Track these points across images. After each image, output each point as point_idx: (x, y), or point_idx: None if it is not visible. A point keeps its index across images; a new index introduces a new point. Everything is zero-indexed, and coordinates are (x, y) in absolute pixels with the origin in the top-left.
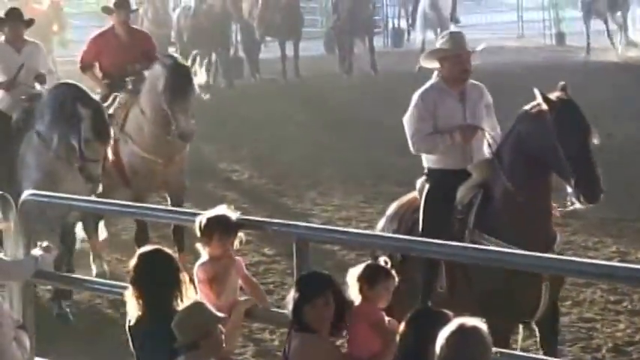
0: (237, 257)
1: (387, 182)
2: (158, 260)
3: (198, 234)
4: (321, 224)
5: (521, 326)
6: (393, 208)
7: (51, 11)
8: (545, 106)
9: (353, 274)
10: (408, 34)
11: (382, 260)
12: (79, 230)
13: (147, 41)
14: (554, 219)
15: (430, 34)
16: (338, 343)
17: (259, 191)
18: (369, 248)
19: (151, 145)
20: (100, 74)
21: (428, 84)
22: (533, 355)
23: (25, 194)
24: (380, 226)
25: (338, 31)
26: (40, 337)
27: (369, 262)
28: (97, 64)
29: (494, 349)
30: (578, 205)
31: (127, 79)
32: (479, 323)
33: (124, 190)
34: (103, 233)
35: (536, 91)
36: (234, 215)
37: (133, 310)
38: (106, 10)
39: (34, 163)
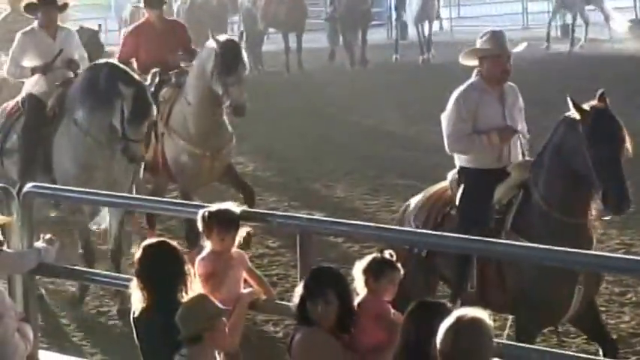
0: (240, 251)
1: (390, 175)
2: (163, 252)
3: (200, 228)
4: (325, 216)
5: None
6: (420, 199)
7: None
8: (577, 116)
9: (358, 268)
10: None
11: (387, 253)
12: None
13: (182, 30)
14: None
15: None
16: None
17: (263, 184)
18: (372, 240)
19: (197, 138)
20: (137, 71)
21: (468, 83)
22: (534, 347)
23: (27, 187)
24: (408, 216)
25: (333, 23)
26: (45, 329)
27: (374, 255)
28: (134, 60)
29: (496, 340)
30: (606, 216)
31: (170, 72)
32: (479, 314)
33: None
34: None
35: (569, 100)
36: (238, 210)
37: (137, 302)
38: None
39: (69, 152)
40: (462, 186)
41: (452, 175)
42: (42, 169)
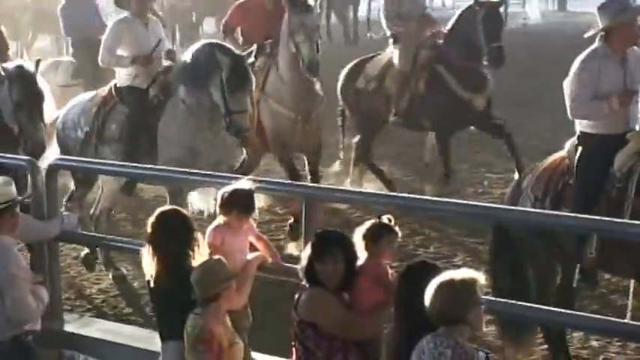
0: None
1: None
2: (173, 220)
3: (219, 206)
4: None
5: None
6: (536, 170)
7: None
8: None
9: (359, 233)
10: None
11: (385, 218)
12: None
13: None
14: None
15: None
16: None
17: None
18: (372, 206)
19: (290, 103)
20: (240, 39)
21: (591, 48)
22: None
23: (52, 160)
24: (526, 187)
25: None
26: (69, 293)
27: (373, 220)
28: (239, 30)
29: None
30: None
31: (265, 42)
32: (468, 275)
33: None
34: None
35: None
36: (253, 186)
37: (149, 267)
38: None
39: (174, 136)
40: (579, 152)
41: (570, 143)
42: (146, 157)
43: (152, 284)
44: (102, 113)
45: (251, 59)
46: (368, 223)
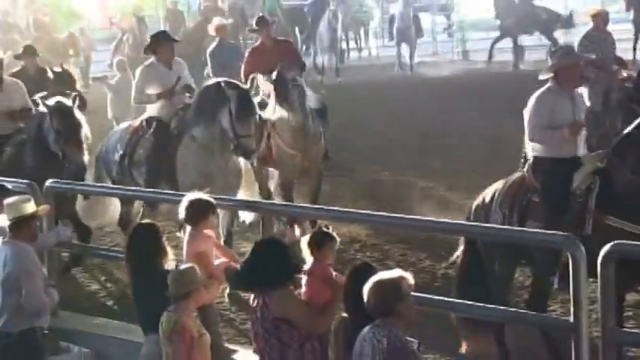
0: (210, 232)
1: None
2: (146, 231)
3: (184, 219)
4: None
5: None
6: (501, 188)
7: (68, 39)
8: None
9: (304, 241)
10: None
11: (324, 226)
12: None
13: (289, 48)
14: None
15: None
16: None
17: None
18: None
19: (291, 141)
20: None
21: (546, 87)
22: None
23: (48, 182)
24: (494, 204)
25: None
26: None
27: (314, 229)
28: (256, 75)
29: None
30: None
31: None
32: (395, 275)
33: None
34: None
35: None
36: (210, 199)
37: (129, 272)
38: (252, 31)
39: (190, 164)
40: (541, 174)
41: (528, 165)
42: (166, 180)
43: (133, 286)
44: (133, 140)
45: (252, 92)
46: (311, 232)
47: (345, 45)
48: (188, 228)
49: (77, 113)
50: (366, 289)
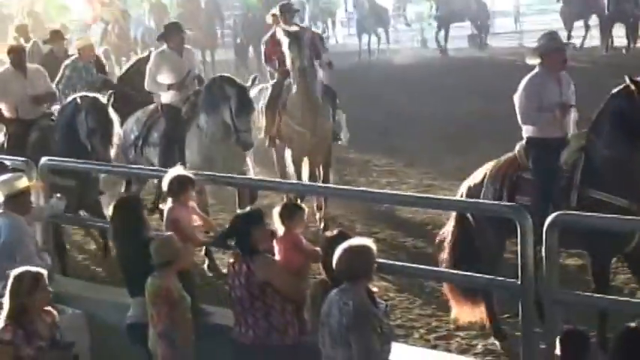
0: (192, 203)
1: None
2: (128, 203)
3: (166, 193)
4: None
5: None
6: (492, 167)
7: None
8: (633, 87)
9: (275, 212)
10: None
11: (292, 198)
12: None
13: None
14: None
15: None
16: None
17: None
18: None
19: (300, 119)
20: (276, 63)
21: (533, 72)
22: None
23: (43, 160)
24: (487, 180)
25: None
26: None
27: (284, 201)
28: (276, 59)
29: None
30: None
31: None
32: (361, 241)
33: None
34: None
35: (626, 78)
36: (190, 174)
37: (115, 242)
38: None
39: (195, 148)
40: (533, 152)
41: (519, 145)
42: (177, 161)
43: (119, 254)
44: (148, 123)
45: (251, 88)
46: (282, 204)
47: None
48: (169, 200)
49: (111, 111)
50: (336, 255)
